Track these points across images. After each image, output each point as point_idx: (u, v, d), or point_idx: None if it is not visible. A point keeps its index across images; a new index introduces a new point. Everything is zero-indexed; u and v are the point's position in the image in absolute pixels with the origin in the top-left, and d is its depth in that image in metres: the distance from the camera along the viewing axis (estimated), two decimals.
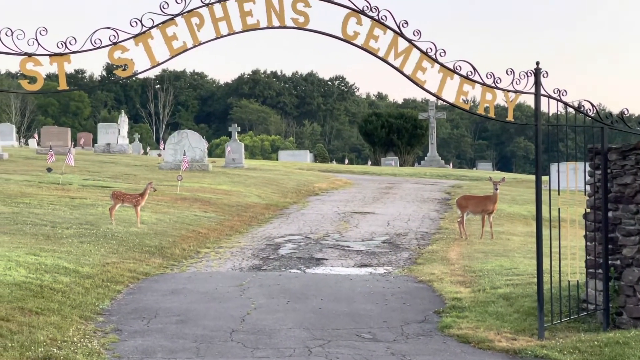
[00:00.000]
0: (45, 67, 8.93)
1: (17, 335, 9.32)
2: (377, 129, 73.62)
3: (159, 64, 9.33)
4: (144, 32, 9.14)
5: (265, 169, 42.71)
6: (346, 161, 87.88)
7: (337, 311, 11.80)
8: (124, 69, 9.22)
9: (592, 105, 10.98)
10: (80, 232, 17.57)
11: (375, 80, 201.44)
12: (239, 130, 45.75)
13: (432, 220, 24.18)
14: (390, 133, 73.17)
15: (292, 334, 10.37)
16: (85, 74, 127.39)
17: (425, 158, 65.22)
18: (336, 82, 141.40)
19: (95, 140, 57.30)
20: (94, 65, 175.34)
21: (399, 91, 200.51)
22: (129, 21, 9.06)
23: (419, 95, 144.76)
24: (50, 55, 8.84)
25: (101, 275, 13.59)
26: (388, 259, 17.19)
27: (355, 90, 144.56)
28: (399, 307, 12.23)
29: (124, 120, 56.33)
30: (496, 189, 20.06)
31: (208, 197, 26.39)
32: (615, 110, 12.25)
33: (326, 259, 17.08)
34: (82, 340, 9.60)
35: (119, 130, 54.01)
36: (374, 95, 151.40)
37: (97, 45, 8.95)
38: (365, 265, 16.41)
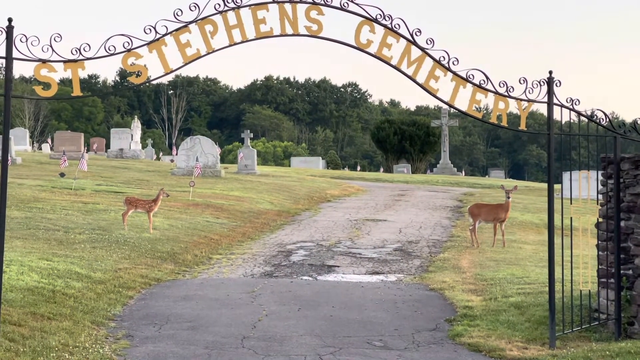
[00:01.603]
0: (59, 73, 9.00)
1: (29, 340, 9.36)
2: (390, 136, 73.64)
3: (172, 71, 9.38)
4: (158, 39, 9.19)
5: (277, 176, 42.75)
6: (358, 168, 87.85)
7: (349, 318, 11.80)
8: (138, 76, 9.27)
9: (605, 114, 10.97)
10: (92, 238, 17.64)
11: (388, 87, 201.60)
12: (252, 136, 45.88)
13: (444, 228, 24.15)
14: (403, 140, 73.19)
15: (304, 341, 10.37)
16: (98, 79, 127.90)
17: (438, 165, 65.16)
18: (349, 89, 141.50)
19: (108, 146, 57.48)
20: (107, 71, 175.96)
21: (411, 98, 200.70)
22: (142, 28, 9.12)
23: (431, 102, 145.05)
24: (64, 62, 8.89)
25: (113, 281, 13.63)
26: (400, 267, 17.18)
27: (368, 97, 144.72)
28: (410, 315, 12.22)
29: (137, 126, 56.50)
30: (508, 197, 20.03)
31: (220, 203, 26.44)
32: (629, 119, 12.23)
33: (338, 266, 17.08)
34: (94, 345, 9.63)
35: (131, 135, 54.18)
36: (386, 102, 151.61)
37: (111, 52, 9.00)
38: (377, 273, 16.41)
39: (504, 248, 19.68)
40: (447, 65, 10.11)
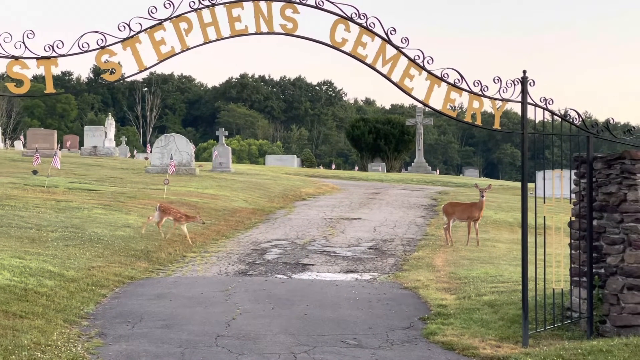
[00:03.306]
0: (32, 70, 8.92)
1: (0, 339, 9.27)
2: (365, 134, 73.75)
3: (146, 69, 9.32)
4: (132, 37, 9.14)
5: (252, 174, 42.67)
6: (333, 166, 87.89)
7: (323, 317, 11.80)
8: (112, 73, 9.22)
9: (578, 114, 11.04)
10: (65, 235, 17.52)
11: (363, 85, 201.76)
12: (227, 134, 45.65)
13: (418, 227, 24.21)
14: (378, 139, 73.32)
15: (278, 340, 10.36)
16: (72, 76, 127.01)
17: (412, 164, 65.33)
18: (324, 87, 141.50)
19: (81, 143, 57.12)
20: (81, 67, 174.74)
21: (386, 97, 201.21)
22: (116, 25, 9.07)
23: (406, 101, 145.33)
24: (37, 59, 8.83)
25: (86, 279, 13.55)
26: (374, 265, 17.20)
27: (343, 95, 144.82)
28: (384, 313, 12.24)
29: (110, 123, 56.18)
30: (482, 196, 20.10)
31: (195, 201, 26.35)
32: (601, 119, 12.33)
33: (312, 265, 17.08)
34: (66, 344, 9.57)
35: (105, 133, 53.90)
36: (361, 100, 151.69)
37: (85, 49, 8.94)
38: (351, 271, 16.42)
39: (477, 247, 19.76)
40: (421, 64, 10.12)
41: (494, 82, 10.39)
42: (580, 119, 11.02)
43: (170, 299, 12.78)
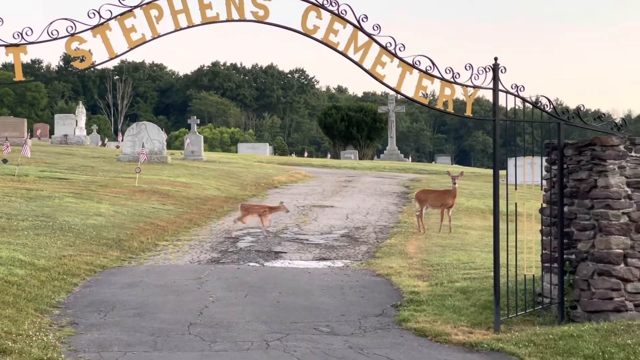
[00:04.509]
0: (0, 57, 8.85)
1: None
2: (337, 122, 73.68)
3: (117, 56, 9.27)
4: (102, 24, 9.07)
5: (224, 162, 42.55)
6: (305, 154, 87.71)
7: (295, 304, 11.81)
8: (82, 61, 9.15)
9: (549, 101, 11.10)
10: (36, 224, 17.39)
11: (335, 73, 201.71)
12: (198, 122, 45.49)
13: (390, 214, 24.27)
14: (350, 126, 73.26)
15: (251, 327, 10.36)
16: (42, 64, 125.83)
17: (385, 152, 65.34)
18: (296, 75, 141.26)
19: (52, 132, 56.63)
20: (51, 55, 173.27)
21: (358, 84, 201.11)
22: (86, 12, 8.99)
23: (378, 88, 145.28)
24: (6, 46, 8.75)
25: (57, 268, 13.46)
26: (347, 253, 17.23)
27: (315, 83, 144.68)
28: (357, 300, 12.27)
29: (81, 112, 55.78)
30: (455, 184, 20.18)
31: (166, 190, 26.25)
32: (572, 106, 12.40)
33: (285, 253, 17.08)
34: (38, 333, 9.51)
35: (76, 121, 53.48)
36: (333, 88, 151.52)
37: (54, 37, 8.87)
38: (324, 259, 16.44)
39: (450, 234, 19.84)
40: (393, 51, 10.13)
41: (466, 69, 10.44)
42: (552, 106, 11.08)
43: (142, 287, 12.73)
